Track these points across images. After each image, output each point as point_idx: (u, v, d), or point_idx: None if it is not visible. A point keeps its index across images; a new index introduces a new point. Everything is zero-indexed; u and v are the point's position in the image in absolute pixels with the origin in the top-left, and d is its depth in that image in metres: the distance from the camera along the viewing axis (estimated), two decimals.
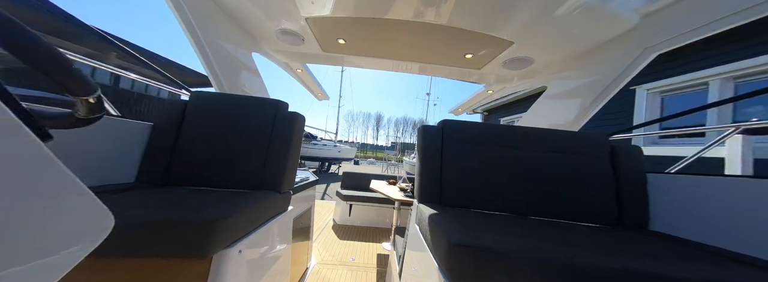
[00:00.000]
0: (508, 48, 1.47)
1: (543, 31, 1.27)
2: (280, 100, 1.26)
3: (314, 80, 2.50)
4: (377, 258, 2.29)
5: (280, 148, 1.14)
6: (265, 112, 1.20)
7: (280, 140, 1.15)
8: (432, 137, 1.18)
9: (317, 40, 1.62)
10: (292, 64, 2.09)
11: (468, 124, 1.23)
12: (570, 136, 1.21)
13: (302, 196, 1.59)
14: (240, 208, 0.76)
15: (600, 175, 1.12)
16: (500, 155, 1.14)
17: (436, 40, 1.51)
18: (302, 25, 1.44)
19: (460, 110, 3.16)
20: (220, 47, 1.49)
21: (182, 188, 1.02)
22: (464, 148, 1.16)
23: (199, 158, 1.09)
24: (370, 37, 1.55)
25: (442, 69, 1.95)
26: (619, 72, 1.27)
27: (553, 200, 1.08)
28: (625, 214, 1.06)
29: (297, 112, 1.23)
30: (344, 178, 3.75)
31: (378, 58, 1.85)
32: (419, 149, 1.19)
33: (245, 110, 1.19)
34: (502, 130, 1.21)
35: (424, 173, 1.13)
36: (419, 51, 1.68)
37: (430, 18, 1.26)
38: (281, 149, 1.14)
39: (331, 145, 15.37)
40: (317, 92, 2.84)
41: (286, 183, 1.14)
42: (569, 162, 1.13)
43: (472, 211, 1.06)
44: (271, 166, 1.11)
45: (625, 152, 1.15)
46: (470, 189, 1.10)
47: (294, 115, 1.21)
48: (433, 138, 1.18)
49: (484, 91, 2.41)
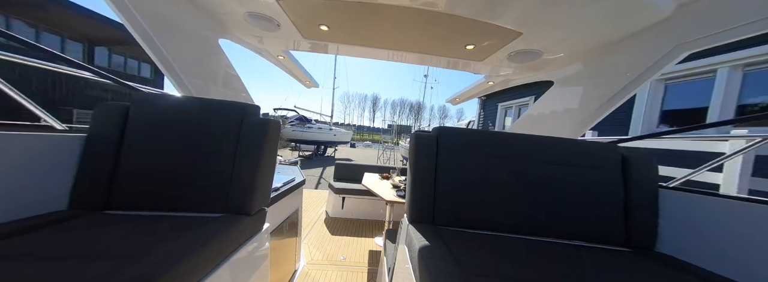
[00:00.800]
0: (515, 39, 1.29)
1: (556, 20, 1.09)
2: (248, 103, 1.08)
3: (299, 67, 2.26)
4: (369, 255, 2.26)
5: (249, 161, 0.96)
6: (228, 119, 1.00)
7: (249, 152, 0.97)
8: (425, 146, 1.05)
9: (295, 25, 1.40)
10: (271, 50, 1.86)
11: (465, 132, 1.10)
12: (578, 145, 1.09)
13: (285, 203, 1.48)
14: (195, 249, 0.64)
15: (609, 190, 1.02)
16: (500, 167, 1.03)
17: (433, 29, 1.32)
18: (275, 8, 1.22)
19: (458, 100, 3.00)
20: (172, 32, 1.25)
21: (126, 216, 0.86)
22: (461, 159, 1.04)
23: (148, 176, 0.91)
24: (356, 24, 1.35)
25: (440, 60, 1.77)
26: (643, 70, 1.11)
27: (557, 218, 0.99)
28: (633, 232, 0.98)
29: (270, 119, 1.05)
30: (337, 168, 3.65)
31: (368, 46, 1.65)
32: (411, 159, 1.07)
33: (204, 116, 0.99)
34: (504, 138, 1.08)
35: (416, 188, 1.01)
36: (414, 40, 1.49)
37: (423, 3, 1.07)
38: (250, 163, 0.96)
39: (326, 128, 15.16)
40: (304, 80, 2.62)
41: (257, 201, 0.99)
42: (576, 175, 1.02)
43: (468, 232, 0.96)
44: (239, 184, 0.94)
45: (638, 164, 1.04)
46: (466, 206, 0.99)
47: (265, 122, 1.02)
48: (427, 147, 1.05)
49: (484, 82, 2.24)
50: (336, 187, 3.10)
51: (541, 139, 1.09)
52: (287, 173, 1.97)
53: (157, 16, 1.17)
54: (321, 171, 10.03)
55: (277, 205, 1.35)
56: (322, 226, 2.85)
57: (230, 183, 0.93)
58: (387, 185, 2.46)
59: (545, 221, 0.99)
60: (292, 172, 1.97)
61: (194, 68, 1.40)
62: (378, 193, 2.09)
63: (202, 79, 1.45)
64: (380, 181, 2.66)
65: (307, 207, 3.49)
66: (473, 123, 10.59)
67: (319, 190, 4.34)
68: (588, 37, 1.20)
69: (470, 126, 11.08)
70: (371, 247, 2.42)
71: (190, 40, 1.38)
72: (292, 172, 1.97)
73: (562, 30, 1.16)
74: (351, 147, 25.71)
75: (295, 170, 2.09)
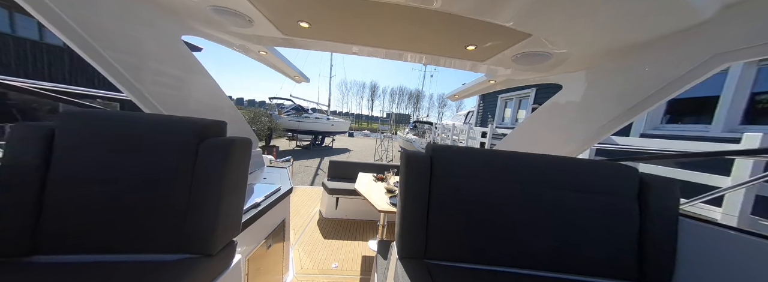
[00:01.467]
0: (523, 41, 1.13)
1: (574, 19, 0.92)
2: (212, 119, 0.90)
3: (286, 62, 2.04)
4: (362, 262, 2.18)
5: (210, 189, 0.81)
6: (183, 139, 0.83)
7: (208, 179, 0.81)
8: (417, 169, 0.92)
9: (270, 21, 1.22)
10: (251, 46, 1.65)
11: (464, 152, 0.96)
12: (590, 165, 0.96)
13: (267, 219, 1.37)
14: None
15: (623, 217, 0.91)
16: (502, 193, 0.91)
17: (430, 29, 1.15)
18: (242, 2, 1.04)
19: (458, 97, 2.85)
20: (114, 28, 1.04)
21: (55, 264, 0.71)
22: (458, 184, 0.91)
23: (83, 212, 0.75)
24: (341, 21, 1.18)
25: (438, 59, 1.60)
26: (673, 79, 0.96)
27: (563, 250, 0.89)
28: (648, 266, 0.88)
29: (236, 139, 0.88)
30: (331, 167, 3.54)
31: (357, 45, 1.47)
32: (401, 183, 0.94)
33: (152, 136, 0.82)
34: (507, 159, 0.95)
35: (406, 218, 0.89)
36: (408, 40, 1.32)
37: (417, 0, 0.90)
38: (212, 191, 0.81)
39: (323, 118, 14.96)
40: (293, 75, 2.41)
41: (222, 235, 0.84)
42: (586, 201, 0.91)
43: (464, 268, 0.86)
44: (197, 218, 0.79)
45: (658, 189, 0.92)
46: (463, 237, 0.88)
47: (229, 143, 0.84)
48: (419, 170, 0.92)
49: (485, 81, 2.08)
50: (330, 187, 3.00)
51: (548, 159, 0.96)
52: (274, 178, 1.85)
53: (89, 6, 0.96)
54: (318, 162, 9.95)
55: (257, 223, 1.23)
56: (315, 228, 2.77)
57: (186, 217, 0.79)
58: (381, 189, 2.35)
59: (550, 254, 0.89)
60: (279, 178, 1.84)
61: (148, 74, 1.20)
62: (371, 202, 1.98)
63: (161, 86, 1.26)
64: (374, 184, 2.55)
65: (301, 206, 3.41)
66: (472, 114, 10.43)
67: (315, 187, 4.25)
68: (606, 40, 1.03)
69: (469, 117, 10.93)
70: (364, 252, 2.35)
71: (143, 37, 1.17)
72: (280, 178, 1.84)
73: (579, 31, 0.99)
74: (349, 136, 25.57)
75: (284, 174, 1.96)
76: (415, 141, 10.58)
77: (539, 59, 1.28)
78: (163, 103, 1.26)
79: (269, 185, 1.62)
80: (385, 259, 1.51)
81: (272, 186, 1.61)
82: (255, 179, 1.77)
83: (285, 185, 1.70)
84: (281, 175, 1.94)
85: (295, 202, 3.52)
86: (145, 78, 1.16)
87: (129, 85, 1.10)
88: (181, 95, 1.39)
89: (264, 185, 1.62)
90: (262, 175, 1.90)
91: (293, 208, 3.31)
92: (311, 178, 7.20)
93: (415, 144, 10.42)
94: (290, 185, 1.73)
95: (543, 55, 1.23)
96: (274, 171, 2.03)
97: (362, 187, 2.32)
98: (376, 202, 1.96)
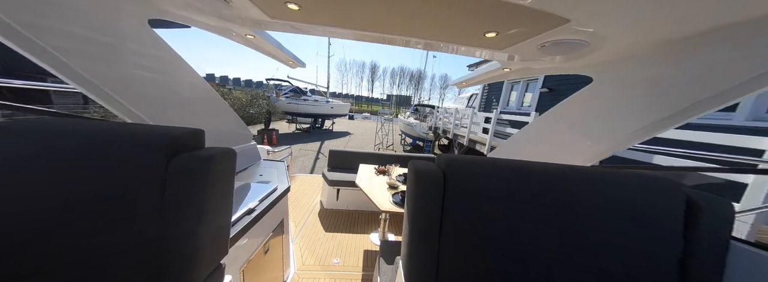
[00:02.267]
0: (557, 27, 0.93)
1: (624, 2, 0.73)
2: (185, 128, 0.73)
3: (277, 46, 1.81)
4: (364, 257, 2.14)
5: (185, 217, 0.66)
6: (147, 155, 0.66)
7: (181, 204, 0.66)
8: (427, 186, 0.79)
9: (253, 3, 1.02)
10: (236, 29, 1.43)
11: (482, 164, 0.82)
12: (629, 180, 0.83)
13: (264, 224, 1.27)
14: None
15: (664, 241, 0.79)
16: (528, 216, 0.78)
17: (441, 13, 0.96)
18: None
19: (465, 84, 2.64)
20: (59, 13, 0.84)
21: None
22: (475, 205, 0.78)
23: (25, 243, 0.58)
24: (336, 3, 0.98)
25: (448, 46, 1.40)
26: (752, 76, 0.77)
27: (593, 279, 0.78)
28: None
29: (215, 152, 0.71)
30: (331, 157, 3.43)
31: (358, 30, 1.27)
32: (409, 200, 0.82)
33: (109, 151, 0.65)
34: (534, 172, 0.81)
35: (414, 241, 0.78)
36: (417, 27, 1.12)
37: None
38: (187, 218, 0.66)
39: (323, 100, 14.66)
40: (286, 60, 2.17)
41: (205, 263, 0.73)
42: (625, 224, 0.78)
43: None
44: (170, 248, 0.65)
45: (710, 210, 0.79)
46: (481, 269, 0.77)
47: (207, 158, 0.69)
48: (429, 188, 0.79)
49: (498, 69, 1.87)
50: (330, 178, 2.91)
51: (580, 172, 0.82)
52: (271, 175, 1.73)
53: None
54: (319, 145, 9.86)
55: (251, 232, 1.13)
56: (316, 220, 2.72)
57: (160, 248, 0.65)
58: (383, 184, 2.25)
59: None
60: (277, 175, 1.73)
61: (105, 69, 0.99)
62: (373, 200, 1.89)
63: (126, 84, 1.07)
64: (376, 178, 2.45)
65: (302, 196, 3.35)
66: (476, 97, 10.14)
67: (315, 176, 4.17)
68: (660, 27, 0.84)
69: (473, 100, 10.63)
70: (366, 246, 2.31)
71: (94, 18, 0.95)
72: (277, 175, 1.73)
73: (632, 15, 0.80)
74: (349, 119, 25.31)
75: (281, 169, 1.84)
76: (416, 125, 10.42)
77: (571, 48, 1.09)
78: (133, 105, 1.10)
79: (265, 185, 1.51)
80: (387, 263, 1.44)
81: (268, 185, 1.49)
82: (249, 177, 1.65)
83: (283, 184, 1.58)
84: (279, 170, 1.82)
85: (296, 191, 3.45)
86: (98, 72, 0.97)
87: (72, 73, 0.91)
88: (151, 90, 1.21)
89: (259, 185, 1.50)
90: (257, 171, 1.78)
91: (294, 198, 3.25)
92: (312, 164, 7.15)
93: (416, 128, 10.27)
94: (288, 184, 1.61)
95: (578, 43, 1.03)
96: (270, 166, 1.91)
97: (363, 183, 2.22)
98: (378, 201, 1.87)
